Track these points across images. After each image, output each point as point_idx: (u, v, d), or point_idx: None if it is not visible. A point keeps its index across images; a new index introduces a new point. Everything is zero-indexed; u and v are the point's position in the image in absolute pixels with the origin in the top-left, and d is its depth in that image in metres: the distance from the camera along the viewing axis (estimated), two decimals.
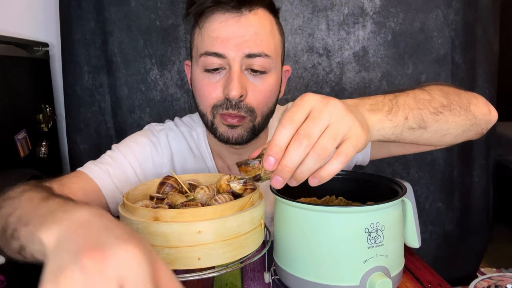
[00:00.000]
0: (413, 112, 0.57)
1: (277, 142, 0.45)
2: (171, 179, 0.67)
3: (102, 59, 1.41)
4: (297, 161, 0.45)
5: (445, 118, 0.61)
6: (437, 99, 0.61)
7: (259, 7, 0.74)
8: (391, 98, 0.57)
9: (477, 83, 1.47)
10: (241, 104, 0.74)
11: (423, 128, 0.58)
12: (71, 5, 1.37)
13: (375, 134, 0.53)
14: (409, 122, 0.56)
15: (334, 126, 0.46)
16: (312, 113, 0.46)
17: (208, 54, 0.73)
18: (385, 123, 0.54)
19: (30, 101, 1.36)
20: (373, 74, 1.43)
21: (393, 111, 0.55)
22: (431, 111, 0.59)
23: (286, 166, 0.45)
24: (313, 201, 0.68)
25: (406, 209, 0.58)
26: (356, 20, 1.40)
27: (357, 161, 0.91)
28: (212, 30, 0.73)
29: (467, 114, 0.65)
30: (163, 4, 1.37)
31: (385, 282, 0.51)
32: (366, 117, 0.52)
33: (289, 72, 0.87)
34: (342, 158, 0.46)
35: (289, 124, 0.45)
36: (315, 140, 0.45)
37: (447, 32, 1.41)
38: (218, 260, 0.53)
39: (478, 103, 0.70)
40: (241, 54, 0.72)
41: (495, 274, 0.61)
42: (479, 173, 1.54)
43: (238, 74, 0.72)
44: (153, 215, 0.52)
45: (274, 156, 0.45)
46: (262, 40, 0.73)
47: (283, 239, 0.58)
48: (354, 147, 0.46)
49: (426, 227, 1.53)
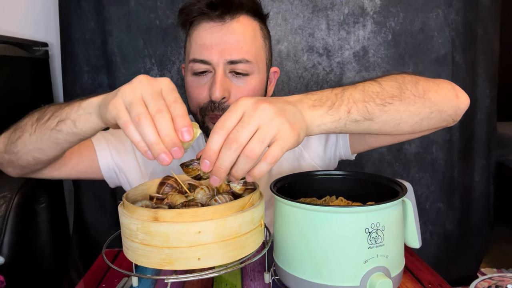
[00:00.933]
0: (357, 105, 0.59)
1: (210, 147, 0.50)
2: (171, 179, 0.67)
3: (102, 59, 1.40)
4: (228, 163, 0.50)
5: (394, 108, 0.62)
6: (387, 90, 0.62)
7: (242, 15, 0.80)
8: (337, 92, 0.60)
9: (477, 83, 1.47)
10: (225, 105, 0.80)
11: (369, 120, 0.60)
12: (71, 5, 1.37)
13: (315, 129, 0.57)
14: (352, 115, 0.58)
15: (262, 129, 0.50)
16: (243, 117, 0.51)
17: (196, 61, 0.80)
18: (326, 118, 0.57)
19: (29, 101, 1.36)
20: (373, 74, 1.43)
21: (335, 105, 0.58)
22: (378, 103, 0.61)
23: (220, 167, 0.51)
24: (313, 201, 0.68)
25: (407, 209, 0.58)
26: (356, 20, 1.40)
27: (340, 156, 0.92)
28: (199, 38, 0.80)
29: (423, 102, 0.65)
30: (162, 4, 1.37)
31: (386, 282, 0.51)
32: (305, 114, 0.55)
33: (277, 73, 0.93)
34: (269, 159, 0.51)
35: (220, 130, 0.51)
36: (243, 143, 0.50)
37: (447, 32, 1.41)
38: (218, 260, 0.53)
39: (440, 89, 0.69)
40: (223, 60, 0.78)
41: (496, 274, 0.61)
42: (479, 173, 1.54)
43: (221, 77, 0.78)
44: (153, 215, 0.52)
45: (208, 159, 0.51)
46: (243, 47, 0.79)
47: (283, 239, 0.58)
48: (282, 149, 0.51)
49: (426, 227, 1.52)
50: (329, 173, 0.69)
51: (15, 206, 1.03)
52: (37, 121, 0.68)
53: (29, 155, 0.72)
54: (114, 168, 0.89)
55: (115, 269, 0.56)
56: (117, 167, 0.89)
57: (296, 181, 0.68)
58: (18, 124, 0.73)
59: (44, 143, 0.68)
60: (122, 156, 0.89)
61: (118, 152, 0.89)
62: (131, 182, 0.90)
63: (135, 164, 0.90)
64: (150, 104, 0.50)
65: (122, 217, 0.55)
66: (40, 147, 0.69)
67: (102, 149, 0.88)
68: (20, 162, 0.75)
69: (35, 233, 1.15)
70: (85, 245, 1.51)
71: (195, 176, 0.57)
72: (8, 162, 0.76)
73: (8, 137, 0.74)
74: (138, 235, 0.52)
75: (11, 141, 0.72)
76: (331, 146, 0.91)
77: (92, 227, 1.49)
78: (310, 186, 0.69)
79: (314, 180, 0.69)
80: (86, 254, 1.51)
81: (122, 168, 0.89)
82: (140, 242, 0.52)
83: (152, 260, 0.52)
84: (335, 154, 0.92)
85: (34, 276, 1.11)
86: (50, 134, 0.65)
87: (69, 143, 0.67)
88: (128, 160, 0.90)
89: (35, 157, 0.72)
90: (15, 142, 0.71)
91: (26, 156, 0.72)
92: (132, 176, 0.90)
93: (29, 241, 1.11)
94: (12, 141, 0.72)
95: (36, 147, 0.69)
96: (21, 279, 1.04)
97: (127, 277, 0.68)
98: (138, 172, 0.90)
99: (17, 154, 0.73)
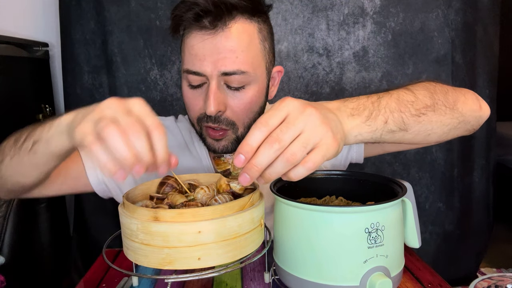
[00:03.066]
0: (394, 115, 0.58)
1: (248, 142, 0.47)
2: (171, 179, 0.67)
3: (102, 59, 1.40)
4: (265, 162, 0.47)
5: (428, 118, 0.62)
6: (421, 100, 0.62)
7: (236, 19, 0.73)
8: (373, 100, 0.58)
9: (477, 83, 1.47)
10: (221, 118, 0.76)
11: (404, 130, 0.59)
12: (71, 5, 1.37)
13: (352, 139, 0.55)
14: (388, 125, 0.57)
15: (306, 134, 0.47)
16: (288, 118, 0.48)
17: (189, 73, 0.75)
18: (363, 129, 0.55)
19: (30, 101, 1.36)
20: (373, 74, 1.43)
21: (373, 115, 0.56)
22: (413, 113, 0.60)
23: (255, 166, 0.47)
24: (313, 201, 0.68)
25: (406, 209, 0.58)
26: (356, 20, 1.40)
27: (351, 159, 0.92)
28: (191, 47, 0.75)
29: (453, 113, 0.65)
30: (163, 4, 1.37)
31: (385, 282, 0.51)
32: (344, 124, 0.53)
33: (281, 72, 0.87)
34: (309, 165, 0.48)
35: (263, 126, 0.47)
36: (286, 145, 0.47)
37: (447, 32, 1.41)
38: (218, 260, 0.53)
39: (467, 100, 0.69)
40: (217, 72, 0.73)
41: (495, 274, 0.61)
42: (479, 173, 1.54)
43: (214, 91, 0.73)
44: (153, 215, 0.52)
45: (244, 155, 0.47)
46: (237, 57, 0.73)
47: (283, 239, 0.58)
48: (323, 156, 0.48)
49: (426, 227, 1.53)
50: (329, 173, 0.70)
51: (15, 206, 1.03)
52: (14, 143, 0.65)
53: (12, 179, 0.69)
54: (104, 180, 0.84)
55: (116, 269, 0.56)
56: (107, 179, 0.84)
57: (296, 181, 0.67)
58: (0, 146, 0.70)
59: (25, 166, 0.65)
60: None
61: None
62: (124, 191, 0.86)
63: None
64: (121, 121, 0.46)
65: (122, 217, 0.55)
66: (21, 171, 0.66)
67: (90, 163, 0.83)
68: (7, 187, 0.72)
69: (35, 233, 1.15)
70: (85, 245, 1.51)
71: (224, 171, 0.54)
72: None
73: None
74: (138, 235, 0.52)
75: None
76: (343, 150, 0.90)
77: (92, 227, 1.49)
78: (310, 186, 0.69)
79: (314, 180, 0.69)
80: (86, 254, 1.51)
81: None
82: (140, 242, 0.52)
83: (152, 260, 0.52)
84: (346, 157, 0.91)
85: (34, 276, 1.11)
86: (28, 157, 0.62)
87: (47, 165, 0.64)
88: None
89: (18, 181, 0.69)
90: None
91: (10, 180, 0.69)
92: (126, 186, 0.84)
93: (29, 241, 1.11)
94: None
95: (17, 171, 0.67)
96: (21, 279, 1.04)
97: (127, 277, 0.68)
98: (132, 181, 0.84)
99: (1, 178, 0.70)
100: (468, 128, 0.71)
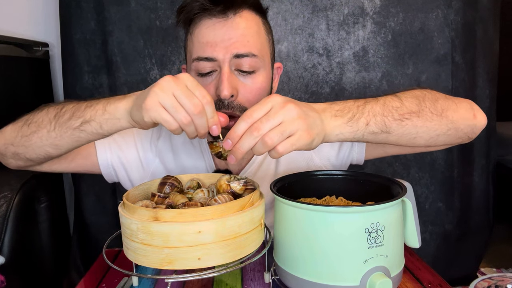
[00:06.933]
0: (376, 119, 0.64)
1: (235, 130, 0.58)
2: (171, 179, 0.67)
3: (102, 59, 1.41)
4: (247, 147, 0.57)
5: (412, 123, 0.67)
6: (406, 106, 0.67)
7: (244, 9, 0.78)
8: (359, 104, 0.65)
9: (477, 83, 1.47)
10: (234, 104, 0.77)
11: (386, 132, 0.66)
12: (71, 5, 1.37)
13: (333, 137, 0.63)
14: (370, 127, 0.64)
15: (284, 124, 0.57)
16: (270, 112, 0.57)
17: (200, 60, 0.77)
18: (345, 129, 0.63)
19: (30, 101, 1.36)
20: (373, 74, 1.43)
21: (355, 117, 0.63)
22: (396, 117, 0.66)
23: (239, 149, 0.58)
24: (313, 201, 0.68)
25: (406, 209, 0.59)
26: (356, 20, 1.40)
27: (352, 160, 0.92)
28: (202, 36, 0.77)
29: (441, 119, 0.70)
30: (163, 4, 1.37)
31: (385, 282, 0.51)
32: (326, 123, 0.62)
33: (281, 69, 0.92)
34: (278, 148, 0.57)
35: (248, 118, 0.58)
36: (264, 133, 0.57)
37: (447, 32, 1.41)
38: (218, 260, 0.53)
39: (458, 108, 0.73)
40: (229, 56, 0.75)
41: (495, 274, 0.61)
42: (479, 173, 1.54)
43: (228, 74, 0.76)
44: (153, 215, 0.52)
45: (231, 140, 0.58)
46: (248, 41, 0.76)
47: (283, 239, 0.58)
48: (292, 145, 0.57)
49: (426, 227, 1.53)
50: (329, 173, 0.70)
51: (15, 206, 1.03)
52: (56, 118, 0.70)
53: (41, 150, 0.74)
54: (113, 164, 0.88)
55: (116, 268, 0.56)
56: (116, 163, 0.88)
57: (296, 181, 0.68)
58: (30, 118, 0.74)
59: (64, 140, 0.71)
60: (124, 152, 0.88)
61: (120, 148, 0.88)
62: (132, 179, 0.89)
63: (137, 161, 0.89)
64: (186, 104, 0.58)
65: (123, 217, 0.55)
66: (58, 143, 0.72)
67: (102, 145, 0.87)
68: (28, 156, 0.76)
69: (35, 233, 1.15)
70: (86, 245, 1.51)
71: (216, 153, 0.65)
72: (12, 154, 0.77)
73: (18, 130, 0.75)
74: (138, 235, 0.52)
75: (23, 135, 0.73)
76: (345, 151, 0.90)
77: (92, 226, 1.49)
78: (310, 186, 0.69)
79: (314, 180, 0.69)
80: (86, 253, 1.51)
81: (124, 163, 0.88)
82: (140, 242, 0.52)
83: (152, 260, 0.52)
84: (347, 158, 0.91)
85: (34, 276, 1.11)
86: (72, 132, 0.69)
87: (89, 141, 0.71)
88: (131, 157, 0.89)
89: (47, 152, 0.74)
90: (28, 136, 0.73)
91: (38, 150, 0.74)
92: (133, 173, 0.89)
93: (29, 241, 1.11)
94: (24, 135, 0.73)
95: (53, 143, 0.72)
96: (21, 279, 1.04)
97: (127, 277, 0.68)
98: (141, 169, 0.89)
99: (27, 147, 0.74)
100: (461, 136, 0.75)
